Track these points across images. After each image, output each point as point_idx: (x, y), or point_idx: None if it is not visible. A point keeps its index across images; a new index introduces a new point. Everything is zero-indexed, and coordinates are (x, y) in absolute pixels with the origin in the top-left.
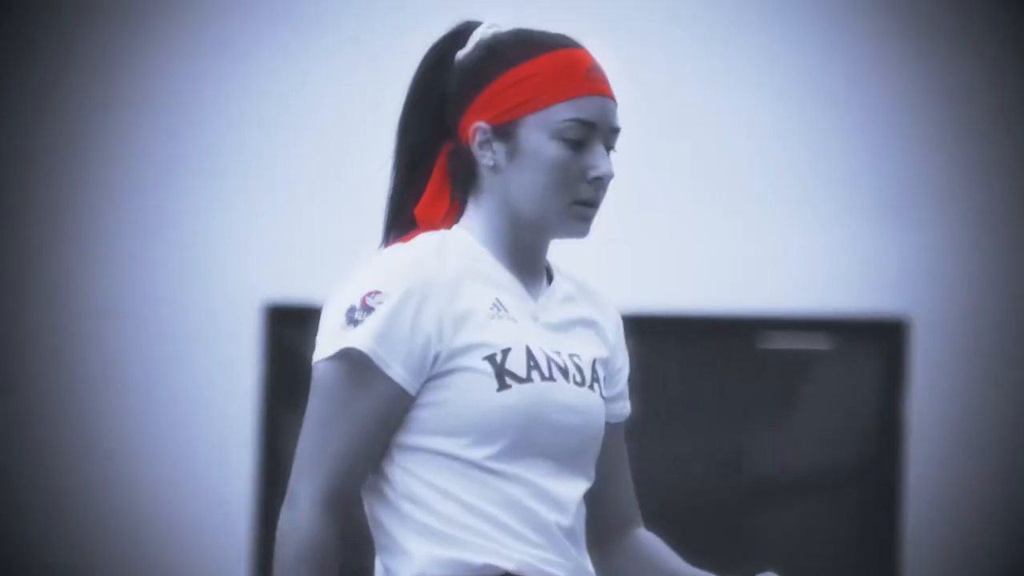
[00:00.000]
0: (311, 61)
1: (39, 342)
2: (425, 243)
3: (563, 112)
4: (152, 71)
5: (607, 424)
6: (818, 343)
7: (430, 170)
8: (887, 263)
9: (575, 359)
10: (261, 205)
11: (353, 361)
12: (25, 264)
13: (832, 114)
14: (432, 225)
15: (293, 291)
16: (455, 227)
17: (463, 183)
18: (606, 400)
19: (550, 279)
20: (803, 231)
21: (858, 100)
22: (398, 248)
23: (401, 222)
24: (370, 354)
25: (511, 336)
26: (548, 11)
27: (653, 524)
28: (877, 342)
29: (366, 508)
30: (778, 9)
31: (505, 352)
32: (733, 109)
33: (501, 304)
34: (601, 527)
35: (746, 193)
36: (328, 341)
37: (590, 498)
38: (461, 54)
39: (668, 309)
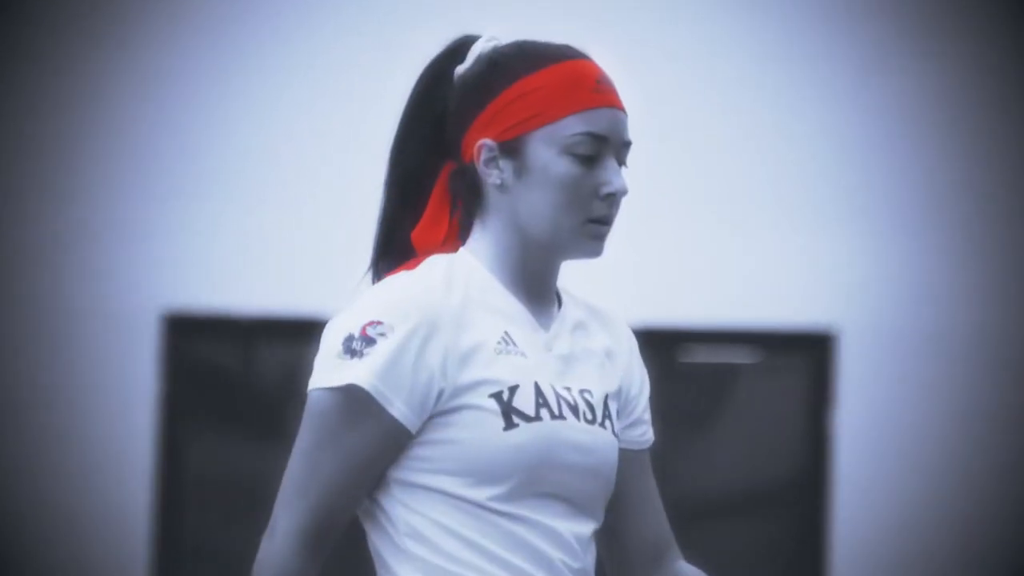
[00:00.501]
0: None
1: None
2: (432, 271)
3: (573, 126)
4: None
5: (627, 452)
6: (743, 356)
7: (426, 192)
8: (814, 275)
9: (586, 395)
10: (162, 206)
11: (353, 396)
12: None
13: (759, 127)
14: (431, 251)
15: (195, 299)
16: (461, 250)
17: (467, 204)
18: (624, 427)
19: (559, 303)
20: (727, 242)
21: (787, 115)
22: (403, 277)
23: (395, 248)
24: (372, 391)
25: (519, 372)
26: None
27: None
28: (804, 355)
29: (368, 541)
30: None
31: (512, 389)
32: (659, 122)
33: (510, 337)
34: (631, 562)
35: (669, 204)
36: (325, 371)
37: (616, 532)
38: (461, 69)
39: None
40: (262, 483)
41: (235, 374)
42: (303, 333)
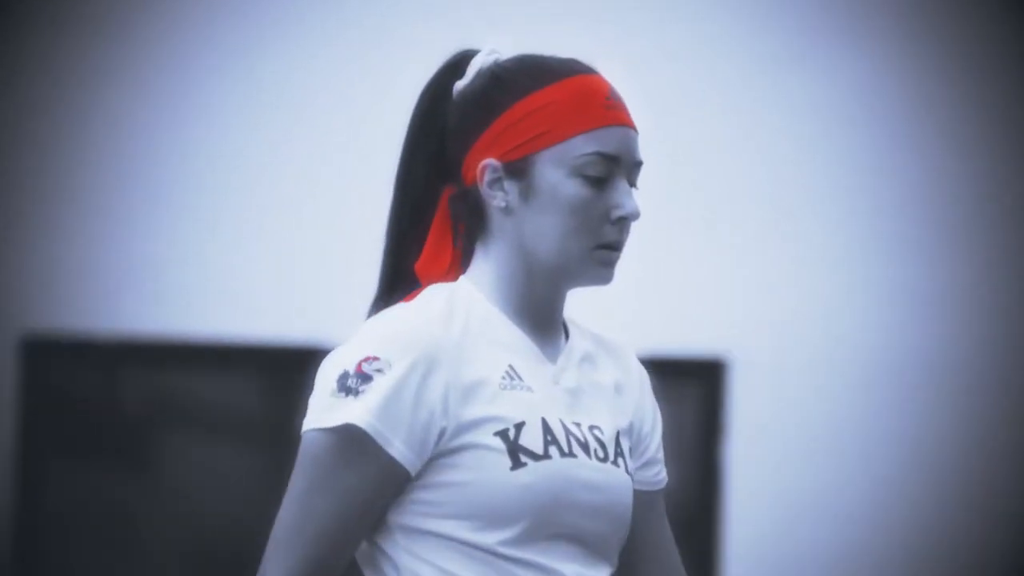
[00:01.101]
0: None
1: None
2: (431, 303)
3: (583, 145)
4: None
5: (640, 493)
6: None
7: (431, 219)
8: (704, 300)
9: (596, 432)
10: (20, 220)
11: (350, 437)
12: None
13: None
14: (436, 281)
15: (57, 321)
16: (461, 279)
17: (469, 229)
18: (637, 468)
19: (566, 334)
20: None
21: (672, 135)
22: (401, 309)
23: (400, 279)
24: (369, 431)
25: (526, 408)
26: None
27: None
28: (694, 383)
29: None
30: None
31: (519, 427)
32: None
33: (515, 371)
34: None
35: None
36: (320, 410)
37: None
38: (461, 85)
39: None
40: (127, 516)
41: (98, 401)
42: (171, 357)
